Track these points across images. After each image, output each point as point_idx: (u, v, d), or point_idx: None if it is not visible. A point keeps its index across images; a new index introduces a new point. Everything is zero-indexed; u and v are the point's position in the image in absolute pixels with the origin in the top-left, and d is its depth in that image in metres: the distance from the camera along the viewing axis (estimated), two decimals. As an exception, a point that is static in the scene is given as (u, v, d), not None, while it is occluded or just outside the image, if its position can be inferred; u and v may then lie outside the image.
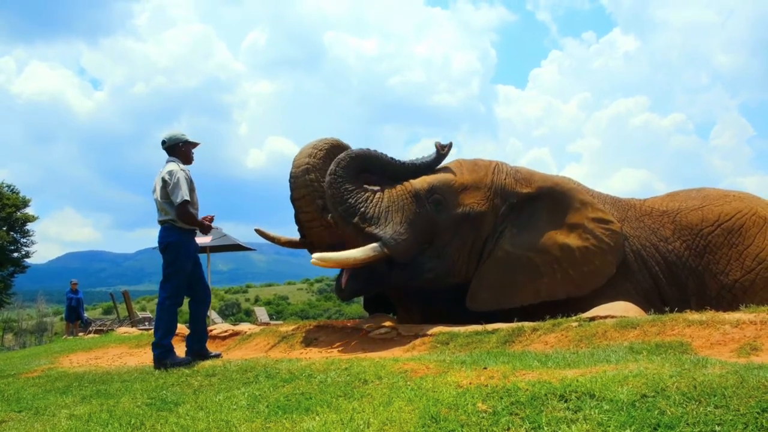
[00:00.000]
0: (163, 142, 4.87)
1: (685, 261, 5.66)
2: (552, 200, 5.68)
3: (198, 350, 4.89)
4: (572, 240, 5.54)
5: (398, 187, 5.50)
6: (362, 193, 5.32)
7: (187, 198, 4.61)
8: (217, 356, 4.94)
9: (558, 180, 5.91)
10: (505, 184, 5.67)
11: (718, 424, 2.01)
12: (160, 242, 4.74)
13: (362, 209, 5.26)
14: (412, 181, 5.56)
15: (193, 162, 4.95)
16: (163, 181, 4.67)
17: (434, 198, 5.46)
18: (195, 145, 4.96)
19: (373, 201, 5.33)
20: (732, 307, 4.95)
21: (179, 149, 4.86)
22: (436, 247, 5.46)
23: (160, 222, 4.73)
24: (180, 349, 4.91)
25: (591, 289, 5.40)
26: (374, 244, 5.15)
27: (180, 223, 4.67)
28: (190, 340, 4.94)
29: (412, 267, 5.43)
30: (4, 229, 24.35)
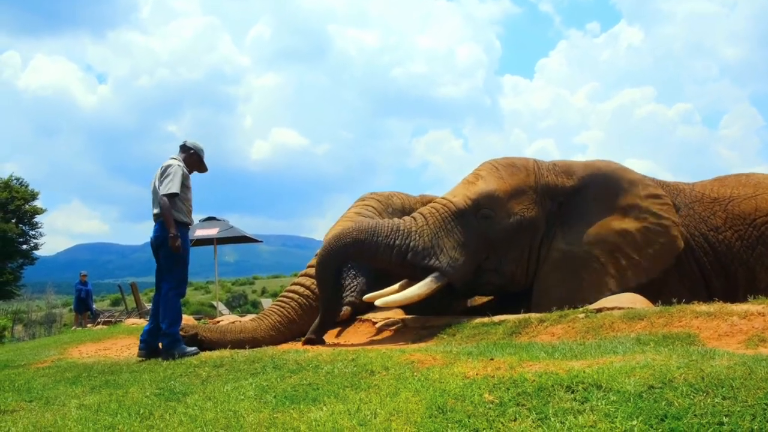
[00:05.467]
0: (184, 142, 5.06)
1: (736, 252, 5.46)
2: (598, 187, 5.42)
3: (155, 346, 4.81)
4: (629, 223, 5.29)
5: (437, 208, 5.27)
6: (403, 230, 5.08)
7: (176, 191, 4.67)
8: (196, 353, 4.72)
9: (600, 164, 5.63)
10: (548, 182, 5.42)
11: (726, 416, 2.00)
12: (156, 237, 4.76)
13: (411, 244, 5.03)
14: (450, 198, 5.32)
15: (191, 173, 5.04)
16: (162, 170, 4.78)
17: (483, 213, 5.22)
18: (202, 167, 5.10)
19: (417, 232, 5.11)
20: None
21: (189, 154, 5.02)
22: (492, 261, 5.26)
23: (156, 216, 4.76)
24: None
25: (661, 270, 5.16)
26: (433, 276, 4.99)
27: (175, 216, 4.67)
28: (149, 335, 4.85)
29: (472, 284, 5.29)
30: (13, 221, 24.54)
